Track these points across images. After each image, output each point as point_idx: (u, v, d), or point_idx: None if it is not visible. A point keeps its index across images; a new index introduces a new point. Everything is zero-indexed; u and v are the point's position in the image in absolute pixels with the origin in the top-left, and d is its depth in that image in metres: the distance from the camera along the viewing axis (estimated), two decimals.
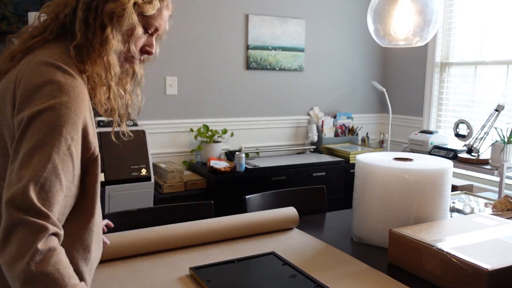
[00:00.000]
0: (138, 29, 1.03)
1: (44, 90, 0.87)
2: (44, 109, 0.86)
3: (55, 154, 0.85)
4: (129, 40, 1.02)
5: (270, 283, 1.27)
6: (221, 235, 1.57)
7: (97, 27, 0.96)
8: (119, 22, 0.97)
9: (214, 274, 1.31)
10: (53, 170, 0.85)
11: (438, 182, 1.55)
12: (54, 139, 0.86)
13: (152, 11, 1.03)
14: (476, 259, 1.21)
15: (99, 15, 0.96)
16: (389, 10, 1.82)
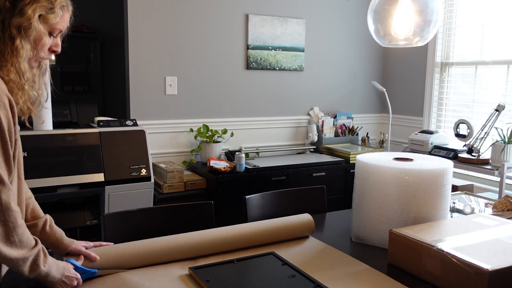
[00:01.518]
0: (45, 37, 1.13)
1: None
2: None
3: None
4: (37, 47, 1.13)
5: (269, 283, 1.27)
6: (233, 246, 1.52)
7: (7, 39, 1.06)
8: (27, 33, 1.08)
9: (213, 274, 1.31)
10: None
11: (438, 182, 1.55)
12: None
13: (55, 19, 1.13)
14: (477, 259, 1.21)
15: (7, 28, 1.06)
16: (389, 10, 1.82)
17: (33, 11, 1.08)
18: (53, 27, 1.14)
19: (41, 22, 1.10)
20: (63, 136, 2.34)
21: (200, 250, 1.46)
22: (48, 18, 1.11)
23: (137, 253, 1.38)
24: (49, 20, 1.12)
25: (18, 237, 1.01)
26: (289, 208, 1.99)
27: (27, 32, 1.07)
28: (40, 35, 1.11)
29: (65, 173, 2.30)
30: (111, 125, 2.53)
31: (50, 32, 1.14)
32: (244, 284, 1.27)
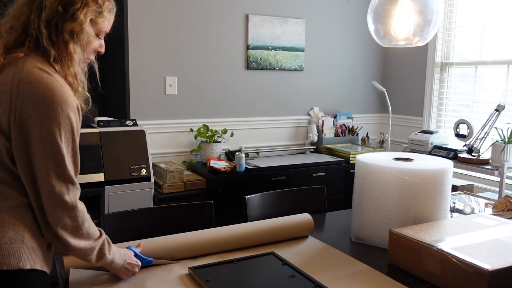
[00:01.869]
0: (94, 40, 1.17)
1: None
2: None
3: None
4: (86, 50, 1.16)
5: (269, 283, 1.27)
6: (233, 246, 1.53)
7: (61, 43, 1.08)
8: (78, 38, 1.11)
9: (213, 273, 1.31)
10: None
11: (438, 182, 1.55)
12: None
13: (104, 23, 1.17)
14: (477, 259, 1.21)
15: (60, 33, 1.08)
16: (389, 10, 1.82)
17: (85, 16, 1.10)
18: (101, 29, 1.18)
19: (91, 26, 1.13)
20: None
21: (200, 250, 1.46)
22: (97, 22, 1.15)
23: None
24: (98, 23, 1.15)
25: (86, 230, 1.08)
26: (289, 208, 1.99)
27: (79, 36, 1.10)
28: (90, 39, 1.15)
29: None
30: (111, 125, 2.53)
31: (97, 34, 1.18)
32: (244, 284, 1.27)
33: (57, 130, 1.02)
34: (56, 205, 1.03)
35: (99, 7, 1.14)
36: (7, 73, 1.02)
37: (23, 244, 1.01)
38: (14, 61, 1.03)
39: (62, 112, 1.02)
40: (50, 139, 1.01)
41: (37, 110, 0.99)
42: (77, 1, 1.09)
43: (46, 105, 1.00)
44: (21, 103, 0.99)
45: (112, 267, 1.20)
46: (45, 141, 1.01)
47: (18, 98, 0.99)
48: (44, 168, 1.01)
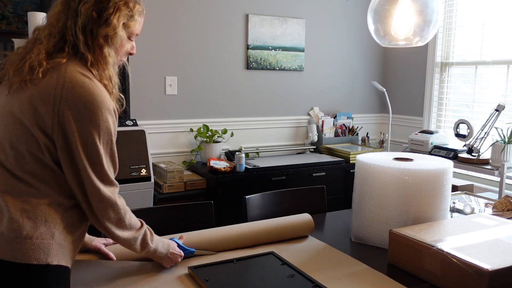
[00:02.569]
0: (126, 43, 1.22)
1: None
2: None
3: None
4: (120, 52, 1.21)
5: (268, 282, 1.27)
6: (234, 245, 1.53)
7: (96, 48, 1.13)
8: (112, 41, 1.16)
9: (212, 273, 1.31)
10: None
11: (438, 182, 1.55)
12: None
13: (135, 26, 1.22)
14: (476, 259, 1.21)
15: (96, 38, 1.13)
16: (389, 10, 1.82)
17: (118, 20, 1.15)
18: (132, 32, 1.23)
19: (123, 29, 1.18)
20: None
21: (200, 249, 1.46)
22: (129, 25, 1.20)
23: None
24: (130, 27, 1.21)
25: (128, 221, 1.17)
26: (289, 208, 1.99)
27: (113, 40, 1.16)
28: (123, 42, 1.20)
29: None
30: None
31: (129, 36, 1.23)
32: (243, 284, 1.27)
33: (96, 133, 1.08)
34: (99, 201, 1.11)
35: (130, 11, 1.18)
36: (51, 77, 1.07)
37: (53, 240, 1.06)
38: (57, 66, 1.08)
39: (101, 115, 1.08)
40: (90, 141, 1.08)
41: (78, 113, 1.05)
42: (110, 6, 1.14)
43: (87, 109, 1.06)
44: (64, 106, 1.05)
45: (156, 255, 1.29)
46: (85, 143, 1.07)
47: (61, 101, 1.05)
48: (85, 168, 1.08)
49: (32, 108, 1.05)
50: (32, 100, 1.05)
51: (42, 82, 1.06)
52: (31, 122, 1.05)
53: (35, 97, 1.05)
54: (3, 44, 5.04)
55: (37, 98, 1.05)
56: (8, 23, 5.00)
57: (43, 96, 1.05)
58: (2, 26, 4.96)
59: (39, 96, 1.05)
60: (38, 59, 1.06)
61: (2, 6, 4.98)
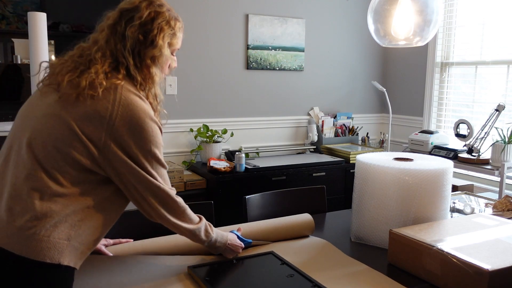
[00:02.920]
0: (172, 61, 1.31)
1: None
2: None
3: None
4: (164, 70, 1.29)
5: (268, 282, 1.27)
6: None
7: (144, 68, 1.22)
8: (159, 61, 1.24)
9: (212, 273, 1.31)
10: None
11: (438, 182, 1.54)
12: None
13: (178, 43, 1.31)
14: (477, 259, 1.21)
15: (143, 59, 1.22)
16: (389, 10, 1.82)
17: (163, 40, 1.23)
18: (174, 48, 1.31)
19: (168, 48, 1.27)
20: None
21: (200, 251, 1.46)
22: (172, 43, 1.29)
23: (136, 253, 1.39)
24: (173, 44, 1.29)
25: (188, 216, 1.28)
26: (289, 208, 1.99)
27: (159, 60, 1.24)
28: (167, 60, 1.28)
29: None
30: None
31: (171, 52, 1.31)
32: (243, 283, 1.27)
33: (151, 145, 1.17)
34: (163, 204, 1.22)
35: (172, 29, 1.26)
36: (109, 94, 1.14)
37: (68, 242, 1.10)
38: (114, 86, 1.16)
39: (151, 131, 1.17)
40: (147, 152, 1.17)
41: (134, 129, 1.14)
42: (154, 28, 1.21)
43: (139, 126, 1.15)
44: (119, 122, 1.13)
45: (216, 246, 1.37)
46: (144, 154, 1.17)
47: (116, 118, 1.13)
48: (148, 175, 1.18)
49: (86, 120, 1.12)
50: (88, 113, 1.12)
51: (101, 99, 1.13)
52: (82, 130, 1.11)
53: (91, 110, 1.12)
54: (3, 44, 5.03)
55: (93, 112, 1.12)
56: (8, 23, 5.00)
57: (99, 111, 1.12)
58: (2, 26, 4.96)
59: (95, 111, 1.12)
60: (99, 78, 1.14)
61: (2, 6, 4.98)
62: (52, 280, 1.09)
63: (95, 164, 1.14)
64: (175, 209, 1.25)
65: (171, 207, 1.24)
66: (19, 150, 1.14)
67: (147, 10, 1.21)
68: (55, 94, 1.16)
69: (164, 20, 1.24)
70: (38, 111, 1.17)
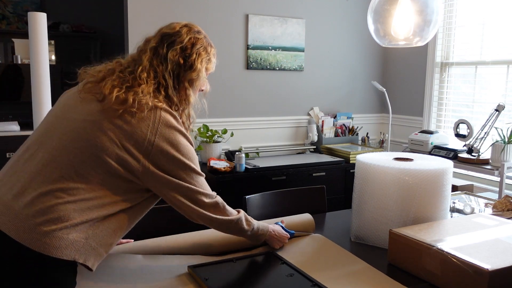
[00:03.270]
0: (207, 85, 1.41)
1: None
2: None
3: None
4: (197, 91, 1.38)
5: (267, 281, 1.27)
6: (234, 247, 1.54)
7: (181, 90, 1.31)
8: (195, 84, 1.33)
9: (212, 272, 1.31)
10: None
11: (438, 182, 1.55)
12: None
13: (213, 67, 1.39)
14: (476, 259, 1.21)
15: (181, 82, 1.30)
16: (389, 10, 1.82)
17: (201, 65, 1.32)
18: (208, 72, 1.39)
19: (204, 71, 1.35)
20: None
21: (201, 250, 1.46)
22: (208, 68, 1.37)
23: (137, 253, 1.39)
24: (209, 69, 1.38)
25: (229, 211, 1.41)
26: (289, 208, 1.99)
27: (196, 83, 1.33)
28: (203, 83, 1.38)
29: None
30: None
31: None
32: (243, 283, 1.27)
33: (184, 162, 1.28)
34: (204, 206, 1.35)
35: (208, 55, 1.34)
36: (151, 114, 1.22)
37: (86, 241, 1.14)
38: (156, 107, 1.22)
39: (186, 148, 1.27)
40: (180, 168, 1.28)
41: (169, 147, 1.23)
42: (193, 53, 1.30)
43: (175, 145, 1.24)
44: (158, 141, 1.21)
45: (259, 233, 1.44)
46: (175, 171, 1.26)
47: (155, 137, 1.21)
48: (178, 188, 1.30)
49: (128, 136, 1.18)
50: (130, 130, 1.19)
51: (144, 118, 1.20)
52: (123, 145, 1.18)
53: (134, 128, 1.19)
54: (3, 44, 5.03)
55: (136, 130, 1.19)
56: (8, 23, 5.00)
57: (142, 129, 1.20)
58: (2, 26, 4.96)
59: (138, 129, 1.19)
60: (145, 98, 1.21)
61: (2, 6, 4.98)
62: (63, 274, 1.14)
63: (133, 175, 1.20)
64: (216, 207, 1.36)
65: (212, 207, 1.35)
66: (49, 148, 1.17)
67: (187, 36, 1.29)
68: (98, 103, 1.20)
69: (202, 46, 1.32)
70: (78, 115, 1.20)
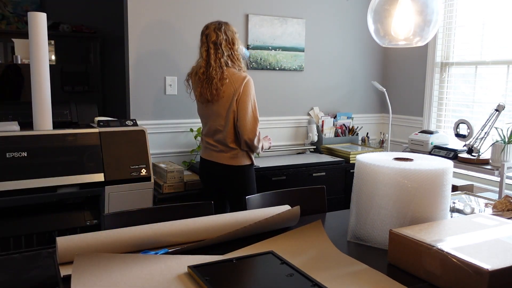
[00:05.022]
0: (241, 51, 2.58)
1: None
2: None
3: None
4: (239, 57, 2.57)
5: (267, 281, 1.27)
6: (218, 233, 1.56)
7: (234, 57, 2.47)
8: (237, 52, 2.52)
9: (212, 272, 1.31)
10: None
11: (438, 182, 1.55)
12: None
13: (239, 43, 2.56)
14: (476, 259, 1.21)
15: (231, 53, 2.47)
16: (389, 10, 1.82)
17: (237, 42, 2.48)
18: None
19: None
20: (63, 136, 2.34)
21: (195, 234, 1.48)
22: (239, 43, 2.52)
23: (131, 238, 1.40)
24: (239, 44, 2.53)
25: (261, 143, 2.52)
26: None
27: (237, 51, 2.49)
28: (240, 51, 2.52)
29: (65, 173, 2.30)
30: (111, 125, 2.53)
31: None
32: (243, 283, 1.27)
33: (250, 99, 2.41)
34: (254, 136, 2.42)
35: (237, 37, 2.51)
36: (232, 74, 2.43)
37: (242, 152, 2.48)
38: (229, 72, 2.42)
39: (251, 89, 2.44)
40: (248, 104, 2.40)
41: (244, 91, 2.40)
42: (232, 40, 2.46)
43: (246, 86, 2.41)
44: (239, 89, 2.39)
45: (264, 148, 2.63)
46: (245, 107, 2.39)
47: (239, 87, 2.40)
48: (244, 116, 2.39)
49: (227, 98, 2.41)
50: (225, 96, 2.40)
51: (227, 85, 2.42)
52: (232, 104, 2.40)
53: (226, 94, 2.39)
54: (3, 44, 5.04)
55: (229, 93, 2.39)
56: (8, 23, 5.01)
57: (229, 91, 2.39)
58: (2, 26, 4.96)
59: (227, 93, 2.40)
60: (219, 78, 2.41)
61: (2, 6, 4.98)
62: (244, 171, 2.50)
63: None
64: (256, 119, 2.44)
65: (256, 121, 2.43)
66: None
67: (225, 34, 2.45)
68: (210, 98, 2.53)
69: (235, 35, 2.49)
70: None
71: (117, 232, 1.48)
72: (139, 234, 1.49)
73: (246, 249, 1.52)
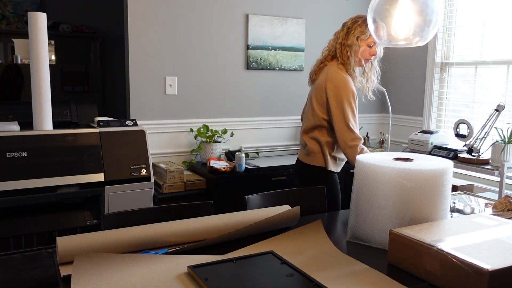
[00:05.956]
0: (363, 49, 2.35)
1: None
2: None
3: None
4: (357, 55, 2.35)
5: (267, 281, 1.27)
6: (218, 233, 1.56)
7: (344, 53, 2.32)
8: (352, 49, 2.31)
9: (212, 272, 1.31)
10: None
11: (438, 182, 1.54)
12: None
13: (366, 38, 2.31)
14: (477, 259, 1.21)
15: (344, 47, 2.32)
16: (389, 10, 1.82)
17: (353, 35, 2.30)
18: (367, 42, 2.33)
19: (358, 41, 2.29)
20: (63, 136, 2.35)
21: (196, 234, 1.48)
22: (361, 38, 2.30)
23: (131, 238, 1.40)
24: (363, 39, 2.31)
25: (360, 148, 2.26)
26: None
27: (352, 48, 2.31)
28: (358, 49, 2.32)
29: (65, 173, 2.30)
30: (111, 125, 2.53)
31: (368, 45, 2.33)
32: (243, 283, 1.27)
33: (345, 103, 2.21)
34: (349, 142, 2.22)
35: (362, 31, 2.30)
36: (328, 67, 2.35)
37: (327, 155, 2.31)
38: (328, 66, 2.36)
39: (347, 93, 2.22)
40: (342, 107, 2.21)
41: (335, 92, 2.22)
42: (351, 31, 2.32)
43: (339, 89, 2.22)
44: (328, 87, 2.25)
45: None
46: (339, 109, 2.21)
47: (327, 86, 2.26)
48: (341, 120, 2.21)
49: (319, 91, 2.30)
50: (319, 87, 2.32)
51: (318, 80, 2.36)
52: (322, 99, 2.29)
53: (318, 85, 2.32)
54: (3, 44, 5.04)
55: (320, 86, 2.30)
56: (8, 23, 5.01)
57: (320, 85, 2.31)
58: (2, 26, 4.97)
59: (318, 85, 2.32)
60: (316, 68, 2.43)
61: (2, 6, 4.98)
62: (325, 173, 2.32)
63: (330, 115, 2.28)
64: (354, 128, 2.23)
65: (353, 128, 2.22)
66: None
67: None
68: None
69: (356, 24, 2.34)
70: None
71: (117, 232, 1.47)
72: (139, 234, 1.48)
73: (246, 249, 1.52)
